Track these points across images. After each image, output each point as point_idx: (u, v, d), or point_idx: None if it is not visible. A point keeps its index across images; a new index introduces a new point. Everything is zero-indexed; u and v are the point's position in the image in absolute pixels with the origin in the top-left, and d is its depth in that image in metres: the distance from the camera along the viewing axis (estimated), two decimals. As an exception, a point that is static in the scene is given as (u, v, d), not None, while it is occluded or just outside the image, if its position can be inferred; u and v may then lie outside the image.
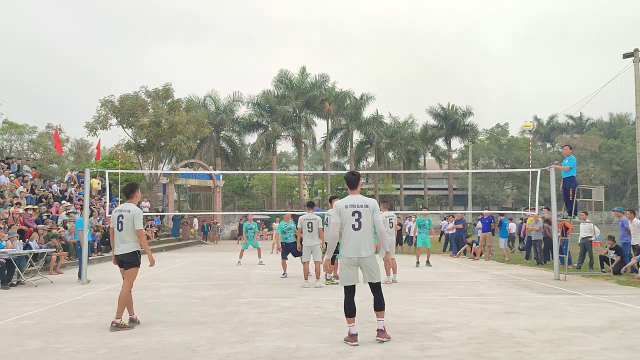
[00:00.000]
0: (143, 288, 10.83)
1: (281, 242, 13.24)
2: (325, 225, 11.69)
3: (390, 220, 11.65)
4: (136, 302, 8.75)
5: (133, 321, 6.93)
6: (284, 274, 12.82)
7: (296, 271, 14.26)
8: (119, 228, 6.93)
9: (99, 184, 27.88)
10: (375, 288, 5.95)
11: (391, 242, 11.58)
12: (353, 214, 5.86)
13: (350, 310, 5.84)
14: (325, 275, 11.31)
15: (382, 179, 56.38)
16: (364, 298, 7.78)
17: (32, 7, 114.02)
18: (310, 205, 11.61)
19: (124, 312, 6.80)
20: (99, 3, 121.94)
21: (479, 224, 19.45)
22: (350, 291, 5.91)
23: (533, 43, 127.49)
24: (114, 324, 6.64)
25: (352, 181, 6.10)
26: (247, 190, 57.33)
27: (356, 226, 5.84)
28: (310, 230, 11.01)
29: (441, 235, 25.23)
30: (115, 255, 6.99)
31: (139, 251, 6.99)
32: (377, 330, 5.88)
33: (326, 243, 10.90)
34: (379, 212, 5.98)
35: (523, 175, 49.12)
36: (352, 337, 5.77)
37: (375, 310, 5.93)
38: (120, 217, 6.95)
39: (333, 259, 11.52)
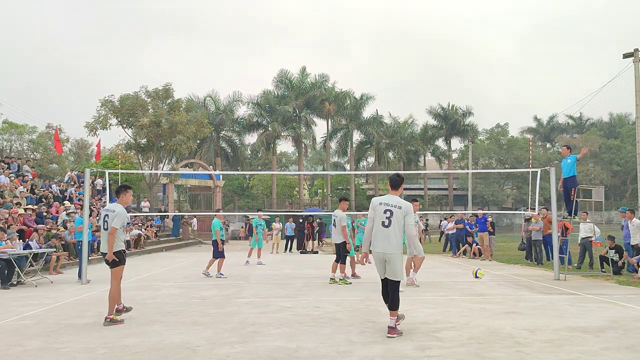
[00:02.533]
0: (143, 288, 10.84)
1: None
2: (333, 226, 11.74)
3: (417, 221, 11.43)
4: (136, 302, 8.77)
5: (119, 311, 7.16)
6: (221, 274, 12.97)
7: (296, 271, 14.25)
8: (105, 227, 7.21)
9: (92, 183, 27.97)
10: (391, 286, 6.17)
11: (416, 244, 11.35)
12: (385, 212, 6.15)
13: (385, 298, 6.30)
14: (339, 275, 11.45)
15: (382, 179, 56.36)
16: (363, 298, 7.77)
17: (31, 7, 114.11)
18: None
19: (114, 307, 7.14)
20: (98, 3, 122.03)
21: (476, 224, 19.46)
22: (384, 283, 6.30)
23: (533, 43, 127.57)
24: (108, 319, 6.97)
25: (394, 182, 6.45)
26: (247, 190, 57.32)
27: (386, 223, 6.11)
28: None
29: (441, 235, 25.26)
30: (102, 253, 7.30)
31: (123, 250, 7.25)
32: (388, 327, 6.14)
33: (343, 242, 11.00)
34: (411, 216, 6.17)
35: (523, 175, 49.09)
36: (391, 330, 6.12)
37: (388, 309, 6.20)
38: (106, 217, 7.22)
39: (344, 259, 11.57)
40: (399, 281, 6.19)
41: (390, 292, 6.17)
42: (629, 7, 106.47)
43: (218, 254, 13.06)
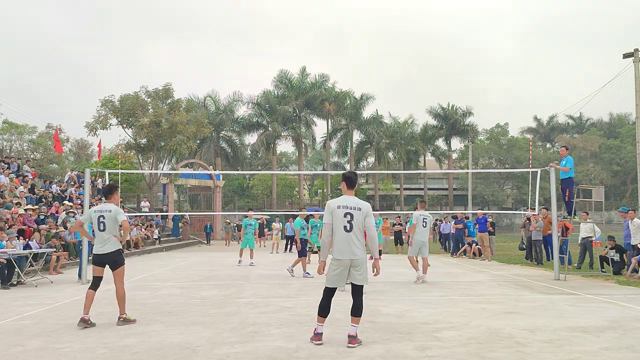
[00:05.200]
0: (143, 288, 10.84)
1: (300, 238, 13.26)
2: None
3: (425, 220, 11.65)
4: (136, 302, 8.77)
5: (85, 321, 6.79)
6: (308, 273, 12.83)
7: (296, 271, 14.24)
8: (101, 228, 7.03)
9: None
10: (357, 291, 5.81)
11: (425, 242, 11.63)
12: (345, 215, 5.74)
13: (324, 311, 5.79)
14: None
15: (382, 179, 56.35)
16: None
17: (31, 7, 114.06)
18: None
19: (125, 306, 7.10)
20: (98, 3, 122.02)
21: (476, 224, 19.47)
22: (330, 293, 5.84)
23: (533, 43, 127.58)
24: (121, 319, 6.96)
25: (353, 181, 5.98)
26: (247, 190, 57.33)
27: (347, 227, 5.73)
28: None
29: (440, 237, 25.26)
30: (98, 255, 7.07)
31: (121, 250, 7.18)
32: (349, 335, 5.71)
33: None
34: (371, 216, 5.86)
35: (523, 175, 49.08)
36: (317, 337, 5.77)
37: (351, 314, 5.77)
38: (102, 218, 7.04)
39: None
40: (363, 286, 5.81)
41: (356, 297, 5.78)
42: (629, 7, 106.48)
43: (300, 253, 13.12)
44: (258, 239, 32.18)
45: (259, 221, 34.34)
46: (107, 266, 7.11)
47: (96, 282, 7.12)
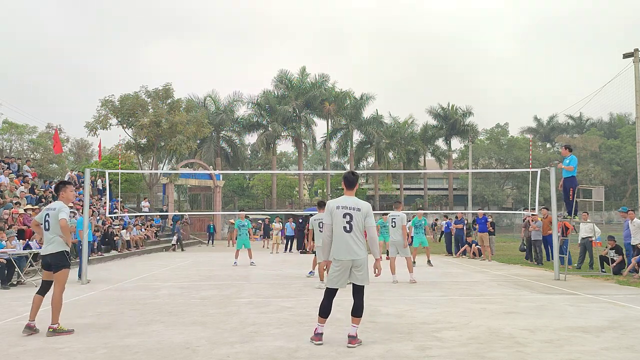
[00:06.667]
0: (143, 288, 10.84)
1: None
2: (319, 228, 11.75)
3: (394, 220, 11.84)
4: (136, 302, 8.77)
5: (30, 327, 6.40)
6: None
7: (296, 271, 14.25)
8: (46, 228, 6.62)
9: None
10: (358, 291, 5.80)
11: (398, 242, 11.84)
12: (344, 216, 5.72)
13: (325, 311, 5.79)
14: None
15: (382, 179, 56.36)
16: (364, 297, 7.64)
17: (31, 7, 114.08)
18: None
19: (59, 316, 6.49)
20: (98, 3, 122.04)
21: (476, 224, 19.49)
22: (331, 294, 5.83)
23: (533, 43, 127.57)
24: (51, 329, 6.33)
25: (351, 181, 5.96)
26: (247, 190, 57.34)
27: (347, 228, 5.72)
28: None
29: (441, 235, 25.28)
30: (42, 256, 6.68)
31: (67, 252, 6.65)
32: (349, 336, 5.71)
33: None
34: (372, 217, 5.82)
35: (523, 175, 49.08)
36: (317, 337, 5.77)
37: (351, 315, 5.76)
38: (47, 217, 6.62)
39: None
40: (364, 286, 5.80)
41: (357, 298, 5.76)
42: (630, 6, 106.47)
43: None
44: (262, 239, 32.16)
45: (265, 221, 34.34)
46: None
47: (44, 287, 6.64)
